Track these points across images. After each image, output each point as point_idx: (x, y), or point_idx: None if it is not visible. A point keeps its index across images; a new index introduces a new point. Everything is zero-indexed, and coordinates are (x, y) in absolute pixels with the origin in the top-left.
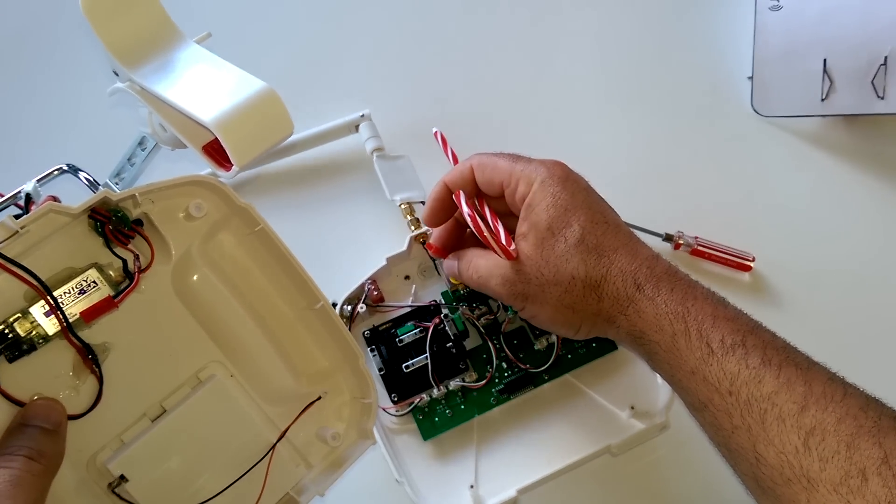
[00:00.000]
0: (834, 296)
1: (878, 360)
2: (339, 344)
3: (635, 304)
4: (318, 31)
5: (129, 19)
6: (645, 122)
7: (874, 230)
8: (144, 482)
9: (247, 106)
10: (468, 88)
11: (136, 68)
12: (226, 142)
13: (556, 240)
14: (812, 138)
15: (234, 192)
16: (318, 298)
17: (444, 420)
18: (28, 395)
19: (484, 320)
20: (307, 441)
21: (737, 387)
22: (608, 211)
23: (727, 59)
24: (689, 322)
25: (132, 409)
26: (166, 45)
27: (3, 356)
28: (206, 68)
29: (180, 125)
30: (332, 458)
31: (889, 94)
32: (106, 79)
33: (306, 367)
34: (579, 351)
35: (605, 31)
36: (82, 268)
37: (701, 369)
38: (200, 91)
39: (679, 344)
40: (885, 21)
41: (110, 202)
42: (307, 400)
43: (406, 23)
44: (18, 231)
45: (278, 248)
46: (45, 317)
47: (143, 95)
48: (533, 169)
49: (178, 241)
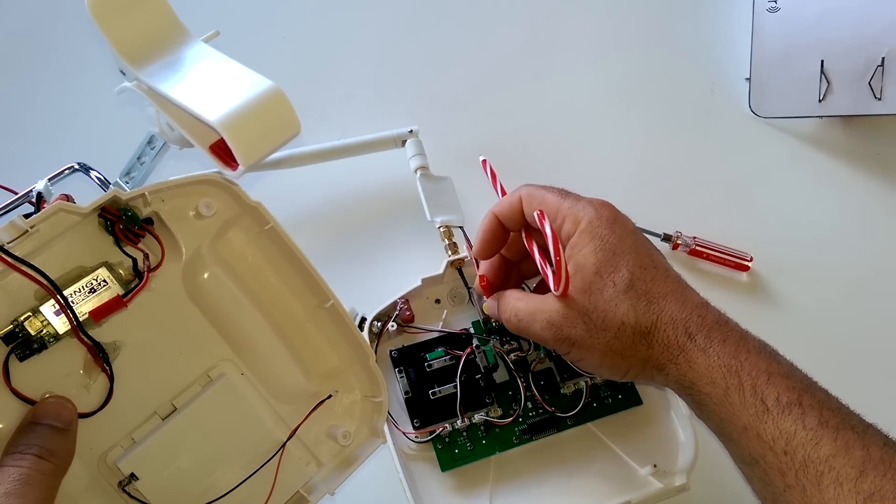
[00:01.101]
0: (831, 295)
1: (875, 360)
2: (349, 342)
3: (686, 353)
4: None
5: (135, 18)
6: (643, 122)
7: (871, 230)
8: (155, 480)
9: (253, 105)
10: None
11: (143, 67)
12: (231, 141)
13: (604, 284)
14: (809, 139)
15: (244, 191)
16: (327, 297)
17: (465, 453)
18: (39, 393)
19: (514, 356)
20: (317, 439)
21: (793, 447)
22: (656, 255)
23: (725, 61)
24: (743, 377)
25: (143, 407)
26: (173, 43)
27: (13, 355)
28: (213, 67)
29: (187, 124)
30: (343, 457)
31: (886, 95)
32: (114, 77)
33: (317, 366)
34: (606, 401)
35: (604, 34)
36: (92, 267)
37: (754, 426)
38: (206, 90)
39: (732, 398)
40: (882, 23)
41: (120, 201)
42: (318, 398)
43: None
44: (28, 230)
45: (288, 246)
46: (55, 315)
47: (150, 94)
48: (581, 208)
49: (188, 239)
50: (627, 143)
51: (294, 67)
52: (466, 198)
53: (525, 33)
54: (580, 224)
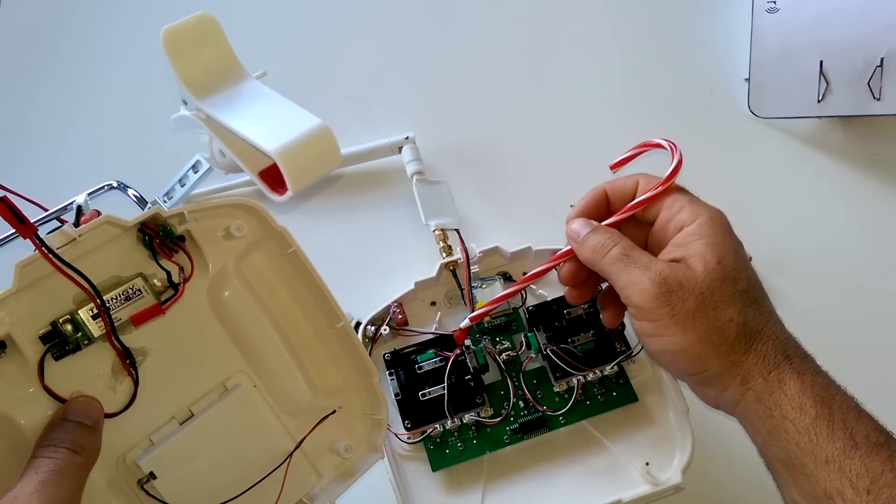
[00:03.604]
0: (830, 295)
1: (874, 360)
2: (354, 362)
3: (780, 372)
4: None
5: (201, 55)
6: (643, 123)
7: (871, 230)
8: (171, 480)
9: (305, 139)
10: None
11: (205, 99)
12: (285, 170)
13: (725, 278)
14: (808, 139)
15: (272, 216)
16: (339, 318)
17: (456, 453)
18: (68, 392)
19: (505, 356)
20: (319, 452)
21: (877, 486)
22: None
23: (724, 61)
24: (835, 409)
25: (162, 411)
26: (232, 79)
27: (49, 354)
28: (268, 102)
29: (240, 152)
30: (342, 470)
31: (885, 96)
32: (152, 105)
33: (323, 383)
34: (599, 399)
35: (604, 35)
36: (129, 277)
37: (838, 459)
38: (263, 123)
39: (820, 428)
40: (881, 23)
41: (160, 218)
42: (322, 413)
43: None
44: (76, 238)
45: (307, 269)
46: (92, 320)
47: (208, 123)
48: (701, 205)
49: (215, 257)
50: (627, 144)
51: (294, 68)
52: (465, 199)
53: (524, 35)
54: (699, 217)
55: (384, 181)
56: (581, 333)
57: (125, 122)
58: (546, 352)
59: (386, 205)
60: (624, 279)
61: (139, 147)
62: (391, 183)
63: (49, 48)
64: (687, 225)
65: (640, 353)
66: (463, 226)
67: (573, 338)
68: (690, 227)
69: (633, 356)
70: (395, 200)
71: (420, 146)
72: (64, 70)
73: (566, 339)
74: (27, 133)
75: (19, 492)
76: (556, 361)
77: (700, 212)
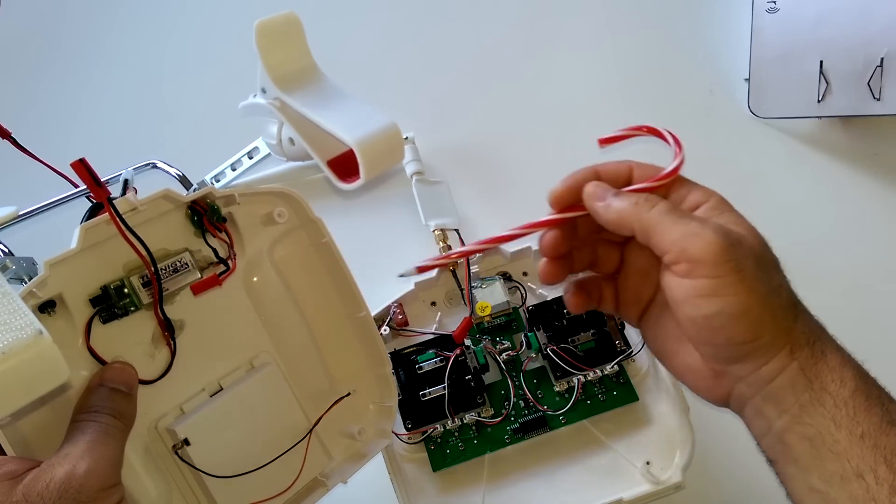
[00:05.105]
0: (830, 295)
1: (874, 360)
2: (369, 350)
3: (823, 343)
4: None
5: (285, 51)
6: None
7: (870, 230)
8: (203, 448)
9: (379, 133)
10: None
11: (288, 90)
12: (362, 160)
13: (766, 245)
14: (808, 139)
15: (310, 207)
16: (361, 308)
17: (456, 453)
18: (110, 355)
19: (505, 356)
20: (332, 435)
21: None
22: None
23: (724, 61)
24: (871, 385)
25: (194, 382)
26: (309, 75)
27: (98, 317)
28: (345, 98)
29: (312, 141)
30: (353, 451)
31: (885, 96)
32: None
33: (338, 368)
34: (599, 398)
35: (603, 35)
36: (177, 250)
37: (874, 435)
38: (343, 116)
39: (858, 402)
40: (881, 23)
41: (212, 197)
42: (336, 395)
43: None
44: (137, 207)
45: (336, 260)
46: (142, 287)
47: (284, 111)
48: (707, 188)
49: (253, 241)
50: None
51: None
52: (464, 198)
53: (524, 35)
54: (713, 197)
55: (384, 181)
56: (581, 333)
57: (125, 123)
58: (546, 351)
59: (386, 205)
60: (680, 229)
61: (139, 147)
62: (391, 183)
63: (49, 48)
64: (701, 203)
65: (640, 353)
66: (463, 226)
67: (573, 337)
68: (710, 203)
69: (633, 355)
70: (395, 200)
71: (419, 146)
72: (64, 70)
73: (566, 339)
74: (27, 133)
75: (69, 451)
76: (556, 361)
77: (711, 193)
